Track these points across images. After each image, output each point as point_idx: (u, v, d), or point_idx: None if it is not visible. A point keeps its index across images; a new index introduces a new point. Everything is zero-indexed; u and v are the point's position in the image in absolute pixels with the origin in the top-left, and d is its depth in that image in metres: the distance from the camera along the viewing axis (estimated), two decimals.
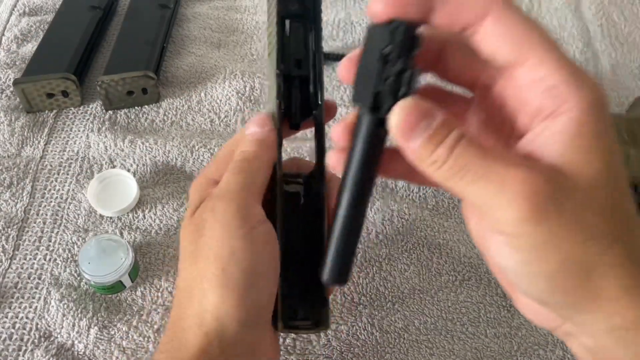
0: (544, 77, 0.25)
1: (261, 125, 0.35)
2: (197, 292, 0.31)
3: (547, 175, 0.24)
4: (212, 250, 0.31)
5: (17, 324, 0.43)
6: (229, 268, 0.31)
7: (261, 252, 0.31)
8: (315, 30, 0.35)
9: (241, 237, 0.31)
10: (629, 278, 0.25)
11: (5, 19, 0.66)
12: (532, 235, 0.24)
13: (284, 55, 0.34)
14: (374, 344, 0.43)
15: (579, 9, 0.71)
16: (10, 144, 0.54)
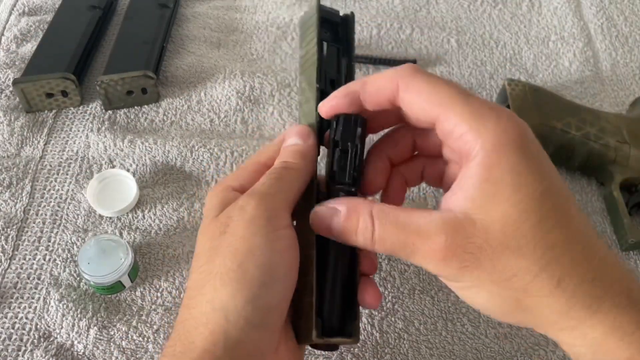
0: (453, 128, 0.28)
1: (304, 138, 0.35)
2: (208, 289, 0.30)
3: (453, 234, 0.27)
4: (232, 246, 0.31)
5: (16, 324, 0.43)
6: (245, 263, 0.30)
7: (281, 255, 0.31)
8: (349, 56, 0.38)
9: (264, 235, 0.30)
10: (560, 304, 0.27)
11: (5, 19, 0.66)
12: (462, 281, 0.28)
13: (320, 74, 0.36)
14: (374, 344, 0.43)
15: (579, 9, 0.71)
16: (10, 144, 0.54)
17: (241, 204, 0.32)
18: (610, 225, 0.52)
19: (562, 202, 0.28)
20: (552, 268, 0.27)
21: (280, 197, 0.32)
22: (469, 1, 0.72)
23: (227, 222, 0.32)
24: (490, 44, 0.67)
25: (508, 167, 0.27)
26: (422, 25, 0.68)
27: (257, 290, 0.30)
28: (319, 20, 0.37)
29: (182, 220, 0.49)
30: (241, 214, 0.31)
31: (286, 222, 0.32)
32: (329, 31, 0.38)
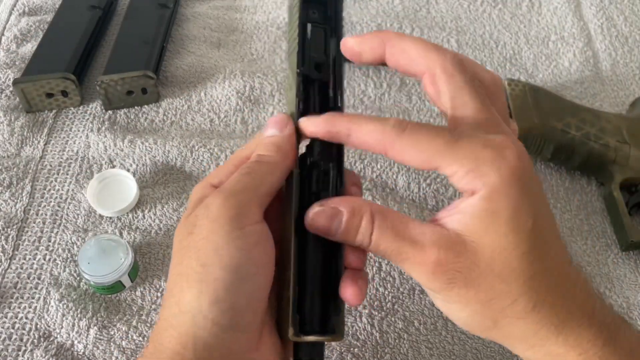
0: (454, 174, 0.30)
1: (281, 127, 0.34)
2: (176, 291, 0.30)
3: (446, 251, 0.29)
4: (197, 246, 0.30)
5: (16, 324, 0.43)
6: (209, 264, 0.29)
7: (249, 253, 0.30)
8: (337, 36, 0.36)
9: (228, 233, 0.30)
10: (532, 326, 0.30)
11: (5, 19, 0.66)
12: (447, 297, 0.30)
13: (304, 58, 0.34)
14: (374, 344, 0.43)
15: (579, 9, 0.71)
16: (10, 144, 0.54)
17: (206, 202, 0.31)
18: (610, 225, 0.52)
19: (546, 234, 0.30)
20: (530, 294, 0.29)
21: (248, 193, 0.31)
22: (469, 1, 0.72)
23: (194, 222, 0.31)
24: (490, 44, 0.67)
25: (507, 203, 0.29)
26: (422, 25, 0.68)
27: (222, 292, 0.29)
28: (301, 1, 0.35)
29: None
30: (206, 213, 0.31)
31: (255, 219, 0.31)
32: (317, 11, 0.36)
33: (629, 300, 0.47)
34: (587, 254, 0.50)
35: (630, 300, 0.47)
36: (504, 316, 0.30)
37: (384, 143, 0.31)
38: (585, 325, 0.30)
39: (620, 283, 0.48)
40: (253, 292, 0.30)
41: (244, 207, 0.31)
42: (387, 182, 0.52)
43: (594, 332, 0.30)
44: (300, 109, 0.33)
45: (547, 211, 0.31)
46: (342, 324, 0.32)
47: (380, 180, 0.52)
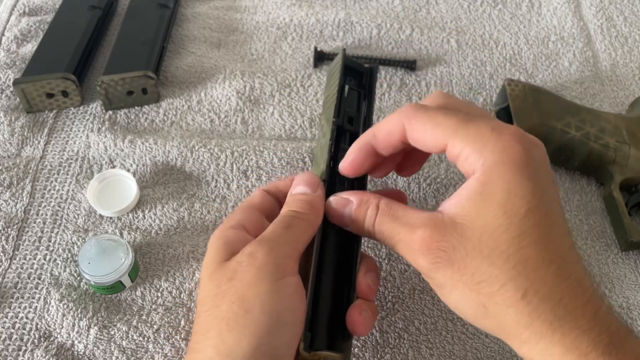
0: (459, 153, 0.31)
1: (313, 188, 0.36)
2: (213, 333, 0.31)
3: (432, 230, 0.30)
4: (240, 292, 0.31)
5: (17, 324, 0.43)
6: (253, 309, 0.30)
7: (288, 302, 0.31)
8: (369, 100, 0.42)
9: (272, 282, 0.31)
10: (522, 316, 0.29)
11: (5, 19, 0.66)
12: (435, 278, 0.31)
13: (340, 111, 0.40)
14: (374, 344, 0.43)
15: (578, 9, 0.71)
16: (10, 144, 0.54)
17: (250, 251, 0.32)
18: (610, 225, 0.52)
19: (546, 224, 0.29)
20: (520, 281, 0.29)
21: (289, 246, 0.33)
22: (469, 1, 0.72)
23: (236, 268, 0.32)
24: (490, 44, 0.67)
25: (501, 185, 0.29)
26: (422, 26, 0.68)
27: (265, 336, 0.30)
28: (343, 67, 0.42)
29: (182, 220, 0.49)
30: (250, 261, 0.32)
31: (293, 270, 0.33)
32: (354, 79, 0.43)
33: (629, 300, 0.47)
34: (587, 254, 0.50)
35: (630, 300, 0.47)
36: (493, 302, 0.29)
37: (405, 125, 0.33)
38: (585, 327, 0.29)
39: (620, 283, 0.48)
40: (291, 339, 0.31)
41: (286, 258, 0.33)
42: (387, 182, 0.53)
43: (594, 336, 0.28)
44: (332, 151, 0.39)
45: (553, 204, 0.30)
46: (350, 347, 0.34)
47: (381, 181, 0.53)
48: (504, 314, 0.29)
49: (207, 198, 0.51)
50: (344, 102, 0.41)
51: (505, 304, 0.29)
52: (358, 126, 0.41)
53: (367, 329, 0.34)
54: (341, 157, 0.38)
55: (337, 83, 0.41)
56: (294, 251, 0.33)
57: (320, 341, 0.32)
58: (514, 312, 0.29)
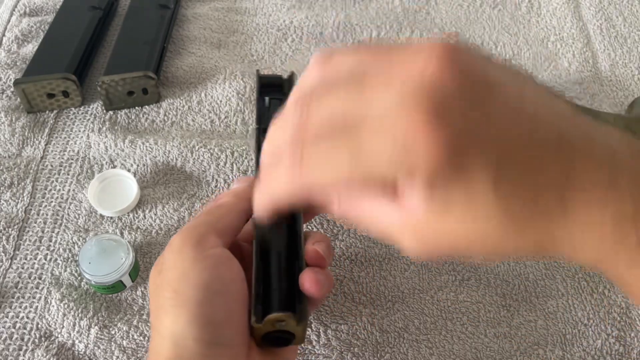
0: None
1: (241, 182, 0.38)
2: (156, 323, 0.32)
3: None
4: (167, 278, 0.32)
5: (17, 323, 0.43)
6: (180, 288, 0.31)
7: (215, 270, 0.32)
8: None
9: (191, 258, 0.32)
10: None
11: (6, 20, 0.66)
12: None
13: (262, 118, 0.43)
14: (374, 343, 0.43)
15: (578, 10, 0.71)
16: (11, 144, 0.54)
17: (169, 242, 0.34)
18: None
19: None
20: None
21: (205, 226, 0.34)
22: (469, 2, 0.72)
23: (163, 261, 0.33)
24: (489, 45, 0.67)
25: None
26: (421, 27, 0.68)
27: (196, 308, 0.30)
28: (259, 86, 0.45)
29: (182, 220, 0.49)
30: (170, 249, 0.33)
31: (214, 244, 0.33)
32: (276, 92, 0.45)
33: (629, 300, 0.47)
34: None
35: (630, 300, 0.47)
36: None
37: None
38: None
39: None
40: (227, 306, 0.31)
41: (203, 235, 0.33)
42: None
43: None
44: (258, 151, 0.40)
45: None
46: (305, 310, 0.33)
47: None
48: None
49: (207, 198, 0.51)
50: (266, 109, 0.44)
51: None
52: None
53: (320, 290, 0.32)
54: None
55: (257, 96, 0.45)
56: (212, 229, 0.34)
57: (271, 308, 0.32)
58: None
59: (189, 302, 0.30)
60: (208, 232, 0.33)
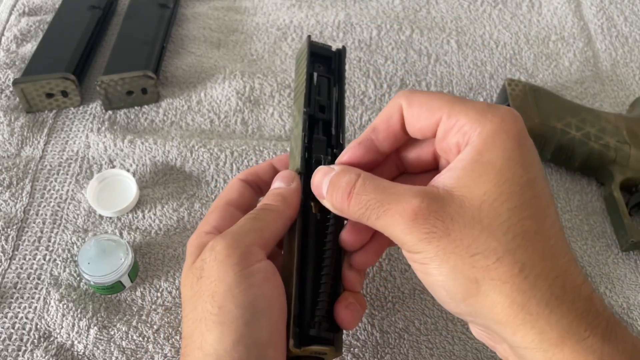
0: (454, 124, 0.29)
1: (287, 181, 0.36)
2: (197, 336, 0.31)
3: (429, 200, 0.28)
4: (209, 289, 0.31)
5: (16, 324, 0.43)
6: (225, 305, 0.30)
7: (259, 288, 0.31)
8: (339, 85, 0.41)
9: (237, 273, 0.31)
10: (518, 294, 0.26)
11: (5, 19, 0.66)
12: (426, 251, 0.28)
13: (310, 100, 0.38)
14: (374, 344, 0.43)
15: (579, 9, 0.71)
16: (10, 144, 0.54)
17: (212, 244, 0.32)
18: (611, 225, 0.52)
19: (543, 198, 0.28)
20: (518, 254, 0.27)
21: (252, 235, 0.33)
22: (469, 1, 0.72)
23: (202, 266, 0.32)
24: (490, 44, 0.67)
25: (501, 152, 0.28)
26: (422, 26, 0.68)
27: (243, 328, 0.30)
28: (309, 54, 0.40)
29: (182, 220, 0.49)
30: (212, 254, 0.32)
31: (260, 257, 0.32)
32: (322, 64, 0.41)
33: (629, 300, 0.47)
34: (587, 254, 0.50)
35: (630, 300, 0.47)
36: (487, 277, 0.27)
37: (402, 103, 0.32)
38: (582, 309, 0.27)
39: (621, 283, 0.48)
40: (271, 325, 0.31)
41: (250, 246, 0.32)
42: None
43: (591, 320, 0.27)
44: (306, 142, 0.37)
45: (543, 176, 0.29)
46: (341, 340, 0.33)
47: None
48: (498, 291, 0.27)
49: (206, 198, 0.51)
50: (314, 90, 0.39)
51: (501, 280, 0.26)
52: (330, 114, 0.39)
53: (355, 323, 0.33)
54: (316, 147, 0.37)
55: (305, 71, 0.39)
56: (259, 239, 0.33)
57: (309, 337, 0.32)
58: (509, 288, 0.26)
59: (236, 322, 0.30)
60: (254, 243, 0.32)
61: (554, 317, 0.26)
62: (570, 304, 0.27)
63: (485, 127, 0.28)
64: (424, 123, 0.31)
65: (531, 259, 0.27)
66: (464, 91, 0.62)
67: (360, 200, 0.30)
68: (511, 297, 0.26)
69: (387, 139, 0.33)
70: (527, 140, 0.29)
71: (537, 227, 0.27)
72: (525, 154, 0.28)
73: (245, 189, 0.39)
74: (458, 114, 0.29)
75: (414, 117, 0.31)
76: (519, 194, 0.27)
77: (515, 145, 0.28)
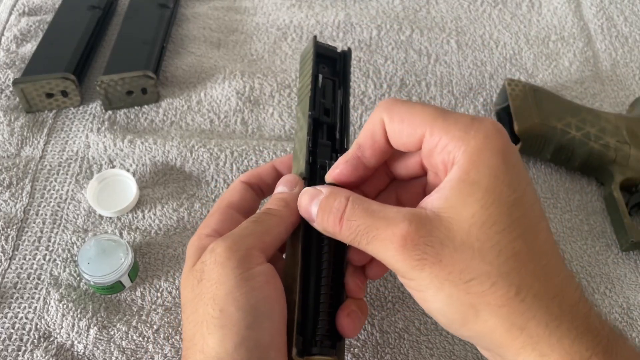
0: (437, 142, 0.29)
1: (290, 186, 0.36)
2: (198, 339, 0.31)
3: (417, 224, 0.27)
4: (210, 292, 0.31)
5: (16, 324, 0.43)
6: (226, 308, 0.30)
7: (261, 291, 0.31)
8: (344, 88, 0.40)
9: (238, 276, 0.31)
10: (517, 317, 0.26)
11: (5, 19, 0.66)
12: (419, 278, 0.27)
13: (315, 104, 0.38)
14: (374, 344, 0.43)
15: (579, 9, 0.71)
16: (10, 144, 0.54)
17: (212, 247, 0.32)
18: (611, 226, 0.52)
19: (532, 215, 0.28)
20: (512, 276, 0.26)
21: (253, 238, 0.33)
22: (469, 1, 0.72)
23: (202, 268, 0.32)
24: (490, 44, 0.67)
25: (487, 171, 0.27)
26: (422, 26, 0.68)
27: (245, 331, 0.30)
28: (315, 56, 0.39)
29: (182, 220, 0.49)
30: (212, 257, 0.32)
31: (260, 260, 0.32)
32: (327, 66, 0.41)
33: (629, 300, 0.47)
34: (587, 254, 0.50)
35: (630, 300, 0.47)
36: (484, 302, 0.26)
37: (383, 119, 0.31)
38: (582, 328, 0.26)
39: (621, 283, 0.48)
40: (273, 327, 0.31)
41: (250, 249, 0.32)
42: None
43: (592, 338, 0.26)
44: (311, 146, 0.37)
45: (532, 192, 0.29)
46: (343, 348, 0.33)
47: None
48: (496, 315, 0.26)
49: (206, 198, 0.51)
50: (319, 93, 0.39)
51: (498, 304, 0.26)
52: (335, 117, 0.39)
53: (356, 331, 0.33)
54: (320, 151, 0.37)
55: (310, 73, 0.39)
56: (260, 243, 0.32)
57: (313, 345, 0.32)
58: (507, 312, 0.26)
59: (237, 325, 0.29)
60: (254, 246, 0.32)
61: (554, 339, 0.26)
62: (569, 324, 0.26)
63: (469, 145, 0.28)
64: (406, 140, 0.31)
65: (526, 281, 0.26)
66: (464, 91, 0.62)
67: (350, 225, 0.30)
68: (510, 320, 0.26)
69: (374, 155, 0.33)
70: (513, 155, 0.29)
71: (528, 248, 0.27)
72: (511, 171, 0.28)
73: (247, 192, 0.39)
74: (440, 131, 0.29)
75: (396, 133, 0.31)
76: (507, 215, 0.27)
77: (501, 162, 0.28)
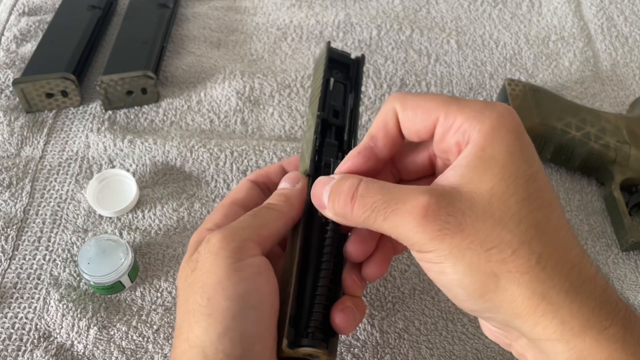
0: (452, 123, 0.29)
1: (293, 183, 0.36)
2: (185, 328, 0.31)
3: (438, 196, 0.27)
4: (201, 281, 0.31)
5: (16, 324, 0.43)
6: (214, 297, 0.30)
7: (250, 282, 0.30)
8: (355, 93, 0.41)
9: (229, 266, 0.30)
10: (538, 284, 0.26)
11: (5, 19, 0.66)
12: (439, 249, 0.27)
13: (325, 105, 0.39)
14: (374, 344, 0.43)
15: (579, 9, 0.71)
16: (10, 144, 0.54)
17: (208, 237, 0.32)
18: (611, 225, 0.52)
19: (547, 191, 0.28)
20: (533, 245, 0.26)
21: (249, 230, 0.33)
22: (469, 1, 0.72)
23: (197, 258, 0.32)
24: (490, 44, 0.67)
25: (503, 147, 0.28)
26: (422, 26, 0.68)
27: (230, 321, 0.29)
28: (327, 60, 0.40)
29: (182, 220, 0.49)
30: (207, 247, 0.32)
31: (254, 252, 0.32)
32: (341, 71, 0.41)
33: (629, 300, 0.47)
34: None
35: (630, 301, 0.47)
36: (505, 270, 0.26)
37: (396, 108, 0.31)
38: (600, 299, 0.26)
39: (621, 283, 0.48)
40: (260, 320, 0.30)
41: (245, 241, 0.32)
42: None
43: (611, 309, 0.26)
44: (317, 145, 0.37)
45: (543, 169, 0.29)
46: (335, 344, 0.33)
47: None
48: (517, 283, 0.26)
49: (206, 198, 0.51)
50: (330, 95, 0.40)
51: (519, 271, 0.26)
52: (344, 120, 0.40)
53: (350, 327, 0.33)
54: (326, 150, 0.37)
55: (322, 76, 0.40)
56: (255, 235, 0.32)
57: (304, 338, 0.32)
58: (528, 279, 0.26)
59: (223, 314, 0.29)
60: (249, 238, 0.32)
61: (575, 306, 0.26)
62: (589, 294, 0.26)
63: (484, 124, 0.28)
64: (420, 125, 0.31)
65: (547, 250, 0.26)
66: (464, 91, 0.62)
67: (365, 202, 0.29)
68: (531, 288, 0.26)
69: (386, 145, 0.33)
70: (525, 135, 0.29)
71: (548, 219, 0.27)
72: (526, 148, 0.28)
73: (253, 190, 0.39)
74: (455, 113, 0.29)
75: (410, 120, 0.31)
76: (524, 187, 0.27)
77: (516, 139, 0.28)
